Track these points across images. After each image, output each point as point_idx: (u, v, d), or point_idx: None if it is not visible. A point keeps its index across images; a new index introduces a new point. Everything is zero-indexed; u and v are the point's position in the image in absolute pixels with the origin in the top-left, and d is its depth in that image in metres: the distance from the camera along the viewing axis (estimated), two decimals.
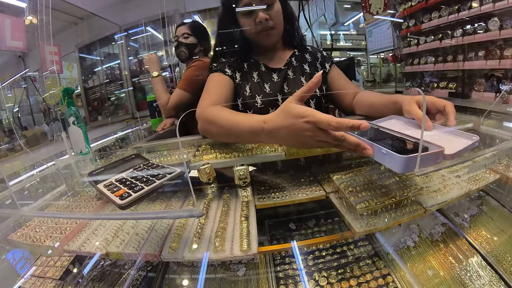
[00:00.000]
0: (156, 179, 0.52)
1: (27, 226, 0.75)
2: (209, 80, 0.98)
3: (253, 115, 0.69)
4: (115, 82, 3.47)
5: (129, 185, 0.51)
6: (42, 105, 2.85)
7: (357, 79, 2.17)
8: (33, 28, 2.06)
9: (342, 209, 0.67)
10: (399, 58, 2.24)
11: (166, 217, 0.65)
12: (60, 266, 0.82)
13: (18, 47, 2.03)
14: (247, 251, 0.54)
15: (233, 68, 0.99)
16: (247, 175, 0.70)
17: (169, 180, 0.52)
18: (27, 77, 2.73)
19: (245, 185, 0.72)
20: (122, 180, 0.55)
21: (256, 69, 1.00)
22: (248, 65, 1.01)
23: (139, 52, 3.39)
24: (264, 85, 0.97)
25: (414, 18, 1.98)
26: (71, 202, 0.83)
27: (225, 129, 0.75)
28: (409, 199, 0.65)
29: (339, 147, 0.55)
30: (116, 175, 0.58)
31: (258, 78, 0.99)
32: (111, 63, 3.53)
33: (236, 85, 0.98)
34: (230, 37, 1.01)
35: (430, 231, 0.77)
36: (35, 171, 1.16)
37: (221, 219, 0.64)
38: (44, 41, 2.12)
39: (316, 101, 1.00)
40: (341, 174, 0.74)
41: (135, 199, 0.47)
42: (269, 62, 1.02)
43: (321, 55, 1.07)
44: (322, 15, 3.03)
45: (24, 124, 2.81)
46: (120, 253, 0.61)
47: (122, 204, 0.45)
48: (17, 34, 2.02)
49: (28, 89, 2.81)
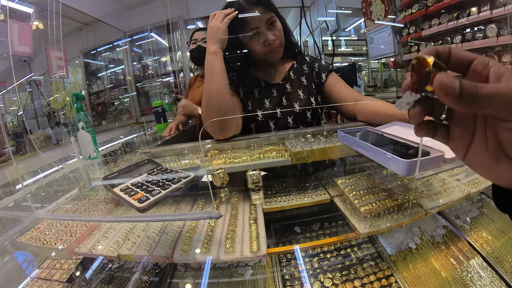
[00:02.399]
0: (172, 183, 0.54)
1: (36, 229, 0.76)
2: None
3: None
4: (119, 87, 3.51)
5: (146, 189, 0.53)
6: (47, 109, 2.88)
7: (359, 85, 2.20)
8: (39, 33, 2.10)
9: (347, 211, 0.69)
10: (400, 64, 2.27)
11: (186, 219, 0.67)
12: (67, 268, 0.83)
13: (25, 52, 2.05)
14: (257, 252, 0.56)
15: (236, 85, 1.06)
16: (259, 179, 0.73)
17: (184, 184, 0.54)
18: (31, 81, 2.76)
19: (257, 189, 0.75)
20: (138, 184, 0.57)
21: (257, 85, 1.07)
22: (250, 82, 1.07)
23: (143, 58, 3.44)
24: (264, 100, 1.04)
25: (414, 25, 2.02)
26: (79, 205, 0.85)
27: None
28: (411, 202, 0.68)
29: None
30: (131, 180, 0.60)
31: (259, 94, 1.06)
32: (115, 68, 3.57)
33: (240, 101, 1.05)
34: (235, 57, 1.05)
35: (431, 233, 0.79)
36: (41, 175, 1.18)
37: (231, 222, 0.67)
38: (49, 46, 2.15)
39: (312, 111, 1.05)
40: (345, 178, 0.77)
41: (154, 202, 0.49)
42: (269, 78, 1.08)
43: (318, 65, 1.11)
44: (324, 22, 3.07)
45: (29, 127, 2.84)
46: (131, 256, 0.63)
47: (141, 207, 0.47)
48: (24, 39, 2.05)
49: (33, 93, 2.84)
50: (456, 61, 0.27)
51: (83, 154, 1.08)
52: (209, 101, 0.88)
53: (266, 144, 0.90)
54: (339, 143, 0.73)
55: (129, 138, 1.88)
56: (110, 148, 1.51)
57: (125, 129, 2.93)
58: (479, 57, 0.26)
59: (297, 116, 1.04)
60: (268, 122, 1.04)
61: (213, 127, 0.91)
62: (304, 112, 1.04)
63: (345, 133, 0.69)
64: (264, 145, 0.89)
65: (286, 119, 1.04)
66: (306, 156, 0.74)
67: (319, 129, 0.95)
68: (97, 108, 3.48)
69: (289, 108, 1.04)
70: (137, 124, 2.98)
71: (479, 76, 0.26)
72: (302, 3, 3.25)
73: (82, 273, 0.82)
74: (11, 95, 2.63)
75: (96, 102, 3.48)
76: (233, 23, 0.92)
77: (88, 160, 1.07)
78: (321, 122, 1.16)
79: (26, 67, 2.62)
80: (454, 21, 1.68)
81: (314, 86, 1.08)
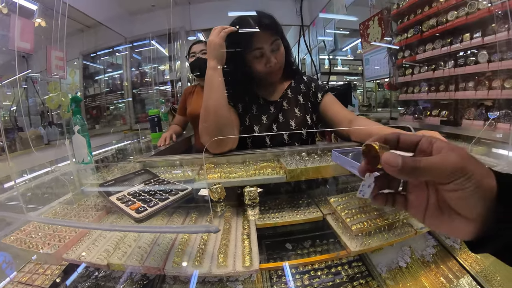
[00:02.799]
0: (170, 195, 0.54)
1: (22, 231, 0.74)
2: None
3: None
4: (115, 92, 3.49)
5: (143, 200, 0.53)
6: (40, 107, 2.84)
7: (353, 104, 2.25)
8: (40, 31, 2.09)
9: (338, 229, 0.71)
10: (394, 85, 2.33)
11: (184, 232, 0.67)
12: (50, 274, 0.80)
13: (25, 48, 2.03)
14: (249, 267, 0.57)
15: (236, 100, 1.08)
16: (256, 196, 0.74)
17: (182, 197, 0.54)
18: (28, 78, 2.72)
19: (254, 205, 0.75)
20: (135, 194, 0.57)
21: (255, 102, 1.10)
22: (249, 98, 1.10)
23: (142, 65, 3.45)
24: (261, 116, 1.07)
25: (409, 48, 2.09)
26: (69, 210, 0.83)
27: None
28: (401, 221, 0.70)
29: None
30: (128, 189, 0.60)
31: (257, 110, 1.09)
32: (113, 73, 3.56)
33: (238, 115, 1.07)
34: (236, 74, 1.08)
35: (421, 253, 0.80)
36: (31, 175, 1.15)
37: (224, 236, 0.67)
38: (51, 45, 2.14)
39: (307, 129, 1.09)
40: (338, 197, 0.78)
41: (151, 213, 0.49)
42: (267, 95, 1.12)
43: (315, 85, 1.15)
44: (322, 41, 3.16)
45: (21, 124, 2.77)
46: (122, 265, 0.62)
47: (139, 217, 0.47)
48: (26, 35, 2.03)
49: (28, 90, 2.79)
50: (405, 143, 0.34)
51: (77, 158, 1.07)
52: (207, 115, 0.89)
53: (261, 160, 0.91)
54: (333, 162, 0.75)
55: (122, 145, 1.87)
56: (103, 153, 1.50)
57: (118, 135, 2.89)
58: (424, 137, 0.33)
59: (292, 133, 1.07)
60: (264, 138, 1.06)
61: (210, 142, 0.92)
62: (300, 130, 1.07)
63: (339, 153, 0.71)
64: (260, 161, 0.90)
65: (281, 136, 1.06)
66: (300, 174, 0.76)
67: (314, 147, 0.97)
68: (92, 111, 3.44)
69: (285, 124, 1.07)
70: (131, 131, 2.95)
71: (425, 151, 0.32)
72: (302, 22, 3.35)
73: (66, 280, 0.79)
74: (6, 90, 2.58)
75: (91, 105, 3.45)
76: (239, 39, 0.95)
77: (82, 164, 1.06)
78: (315, 140, 1.19)
79: (24, 63, 2.59)
80: (447, 46, 1.75)
81: (310, 105, 1.12)
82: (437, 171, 0.29)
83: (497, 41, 1.45)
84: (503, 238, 0.30)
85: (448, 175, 0.29)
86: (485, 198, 0.30)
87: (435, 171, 0.29)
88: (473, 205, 0.30)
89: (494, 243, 0.31)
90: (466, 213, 0.31)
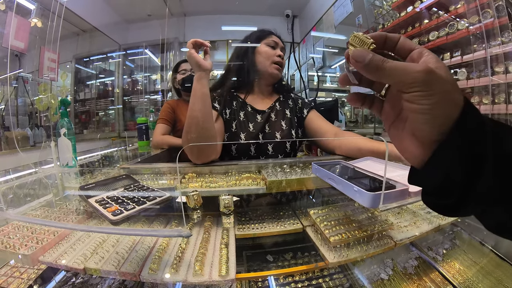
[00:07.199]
0: (147, 200, 0.55)
1: (0, 231, 0.72)
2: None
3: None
4: (106, 98, 3.47)
5: (121, 203, 0.54)
6: (29, 108, 2.78)
7: (340, 120, 2.30)
8: (36, 31, 2.09)
9: (317, 241, 0.71)
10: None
11: (156, 235, 0.67)
12: (26, 278, 0.78)
13: (19, 47, 2.01)
14: (225, 277, 0.57)
15: (223, 105, 1.10)
16: (231, 204, 0.74)
17: (159, 203, 0.55)
18: (19, 77, 2.67)
19: (228, 213, 0.76)
20: (114, 197, 0.57)
21: (243, 108, 1.12)
22: (237, 104, 1.13)
23: (134, 72, 3.45)
24: (248, 124, 1.09)
25: None
26: (50, 212, 0.82)
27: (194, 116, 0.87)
28: (380, 233, 0.71)
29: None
30: (107, 192, 0.60)
31: (244, 117, 1.10)
32: (105, 79, 3.55)
33: (225, 121, 1.09)
34: (238, 70, 1.16)
35: (404, 265, 0.82)
36: (13, 175, 1.13)
37: (202, 245, 0.67)
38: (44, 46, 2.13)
39: (291, 143, 1.12)
40: (318, 209, 0.80)
41: (127, 216, 0.50)
42: (256, 104, 1.14)
43: (301, 102, 1.21)
44: (311, 58, 3.25)
45: (7, 124, 2.69)
46: (98, 270, 0.61)
47: (114, 220, 0.48)
48: (21, 34, 2.02)
49: (18, 90, 2.74)
50: (401, 47, 0.33)
51: (61, 161, 1.06)
52: (190, 126, 0.88)
53: (244, 171, 0.92)
54: (314, 175, 0.77)
55: (108, 151, 1.85)
56: (88, 158, 1.48)
57: (106, 141, 2.85)
58: (419, 48, 0.31)
59: (276, 145, 1.09)
60: (249, 146, 1.07)
61: (191, 152, 0.91)
62: (284, 142, 1.10)
63: (319, 165, 0.73)
64: (242, 172, 0.91)
65: (266, 146, 1.08)
66: (280, 185, 0.77)
67: (297, 160, 0.99)
68: (81, 116, 3.40)
69: (271, 135, 1.09)
70: (119, 138, 2.92)
71: (413, 62, 0.31)
72: (293, 40, 3.47)
73: (42, 285, 0.77)
74: None
75: (81, 110, 3.41)
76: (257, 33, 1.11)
77: (65, 167, 1.05)
78: (297, 154, 1.22)
79: (16, 62, 2.55)
80: None
81: (296, 119, 1.16)
82: (399, 77, 0.28)
83: (474, 60, 1.56)
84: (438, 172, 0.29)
85: (408, 84, 0.28)
86: (440, 125, 0.28)
87: (397, 76, 0.29)
88: (424, 125, 0.29)
89: (429, 176, 0.31)
90: (416, 131, 0.31)
